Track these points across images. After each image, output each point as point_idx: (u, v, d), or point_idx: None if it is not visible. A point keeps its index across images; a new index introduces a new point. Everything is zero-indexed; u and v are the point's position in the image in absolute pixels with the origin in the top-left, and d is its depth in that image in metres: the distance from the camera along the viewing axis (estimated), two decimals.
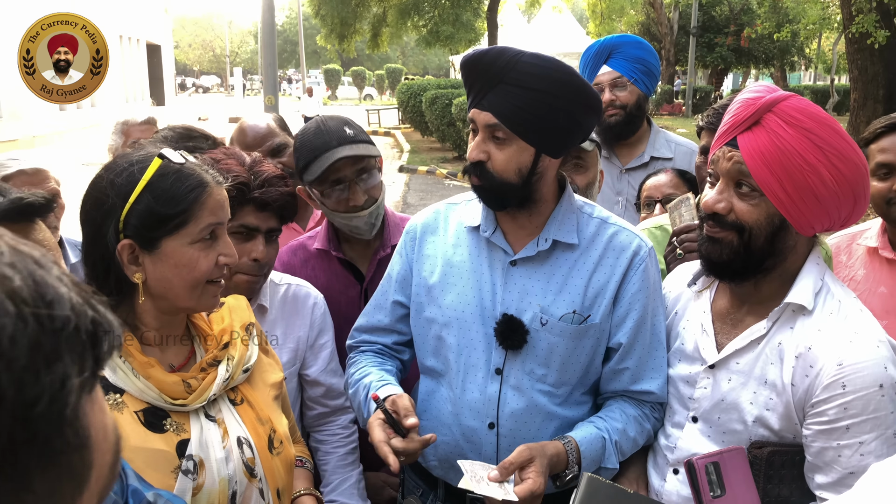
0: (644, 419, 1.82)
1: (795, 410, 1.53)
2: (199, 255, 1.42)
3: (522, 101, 1.64)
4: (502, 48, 1.67)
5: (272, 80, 12.92)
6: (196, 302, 1.45)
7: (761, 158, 1.50)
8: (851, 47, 14.27)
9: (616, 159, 3.16)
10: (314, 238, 2.34)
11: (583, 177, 2.38)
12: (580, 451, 1.69)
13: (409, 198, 13.16)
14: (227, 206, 1.48)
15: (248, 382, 1.57)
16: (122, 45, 30.59)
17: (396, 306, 1.94)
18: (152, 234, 1.39)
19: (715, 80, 37.19)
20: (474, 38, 23.57)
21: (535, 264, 1.79)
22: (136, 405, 1.38)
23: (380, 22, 24.54)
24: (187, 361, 1.52)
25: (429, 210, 1.99)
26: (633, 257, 1.79)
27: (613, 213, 3.02)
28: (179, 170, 1.42)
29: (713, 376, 1.66)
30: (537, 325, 1.75)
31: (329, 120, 2.20)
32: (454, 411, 1.82)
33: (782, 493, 1.55)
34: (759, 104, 1.52)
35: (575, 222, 1.81)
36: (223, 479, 1.41)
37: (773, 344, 1.58)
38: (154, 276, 1.41)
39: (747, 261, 1.58)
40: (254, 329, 1.63)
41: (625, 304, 1.79)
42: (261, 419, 1.53)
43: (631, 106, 3.03)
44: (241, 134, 2.69)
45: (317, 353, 2.09)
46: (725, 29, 32.27)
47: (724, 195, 1.58)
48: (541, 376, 1.77)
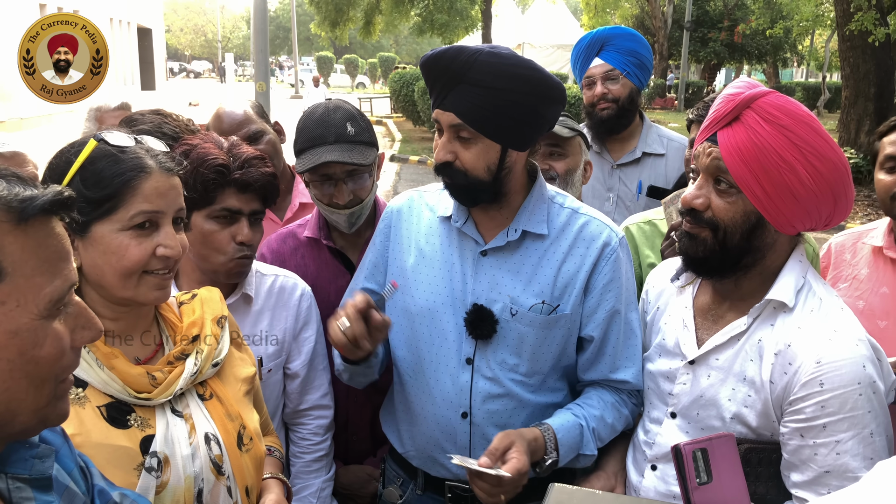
0: (622, 405, 1.85)
1: (773, 408, 1.53)
2: (130, 243, 1.36)
3: (484, 100, 1.64)
4: (460, 47, 1.66)
5: (263, 66, 12.83)
6: (133, 293, 1.39)
7: (739, 155, 1.50)
8: (844, 45, 14.28)
9: (608, 154, 3.13)
10: (304, 226, 2.32)
11: (562, 164, 2.37)
12: (557, 438, 1.71)
13: (400, 187, 13.13)
14: (173, 194, 1.42)
15: (217, 377, 1.54)
16: (112, 28, 30.26)
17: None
18: (83, 217, 1.36)
19: (708, 74, 37.22)
20: (469, 26, 23.49)
21: (504, 254, 1.80)
22: (98, 399, 1.35)
23: (373, 10, 24.38)
24: (154, 355, 1.48)
25: (403, 197, 1.99)
26: (604, 248, 1.79)
27: (604, 209, 3.06)
28: (115, 154, 1.38)
29: (693, 372, 1.66)
30: (507, 316, 1.76)
31: (337, 110, 2.17)
32: (428, 401, 1.84)
33: (758, 491, 1.55)
34: (738, 100, 1.51)
35: (545, 212, 1.81)
36: (189, 477, 1.38)
37: (752, 341, 1.58)
38: (87, 263, 1.38)
39: (723, 258, 1.58)
40: (226, 322, 1.59)
41: (596, 295, 1.80)
42: (230, 415, 1.50)
43: (623, 99, 3.01)
44: (217, 121, 2.64)
45: (300, 346, 2.06)
46: (719, 24, 32.26)
47: (702, 191, 1.58)
48: (513, 366, 1.79)
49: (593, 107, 3.05)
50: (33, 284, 0.85)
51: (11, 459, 0.95)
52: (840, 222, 1.62)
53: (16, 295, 0.84)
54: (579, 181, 2.45)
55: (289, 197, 2.77)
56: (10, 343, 0.84)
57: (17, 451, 0.96)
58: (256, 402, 1.70)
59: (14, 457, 0.96)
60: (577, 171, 2.42)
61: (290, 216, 2.73)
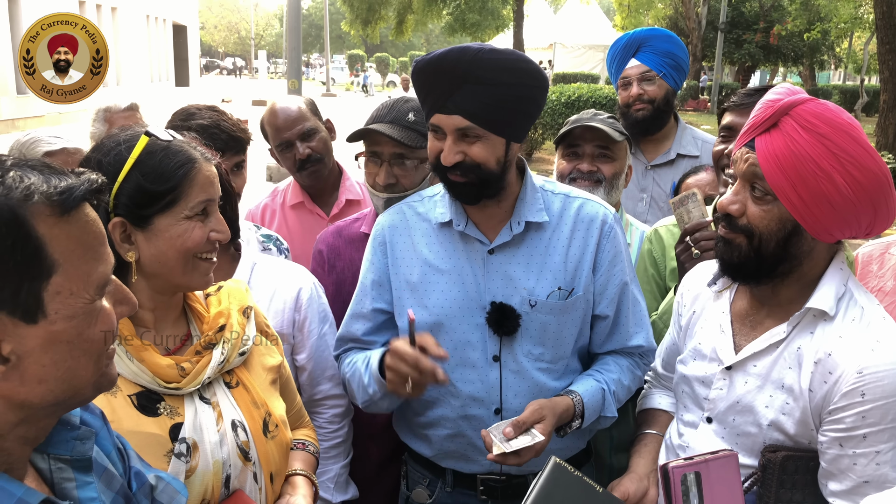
0: (635, 367, 1.95)
1: (812, 416, 1.51)
2: (195, 226, 1.43)
3: (491, 97, 1.65)
4: (462, 47, 1.66)
5: (296, 64, 12.93)
6: (189, 278, 1.45)
7: (776, 162, 1.48)
8: (883, 47, 14.00)
9: (641, 155, 3.12)
10: (361, 220, 2.35)
11: (609, 167, 2.37)
12: (584, 404, 1.78)
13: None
14: (216, 182, 1.48)
15: (244, 365, 1.56)
16: (148, 24, 30.75)
17: (377, 314, 1.93)
18: (144, 211, 1.40)
19: (742, 76, 36.73)
20: (501, 26, 23.46)
21: (512, 249, 1.82)
22: (129, 389, 1.38)
23: (405, 9, 24.46)
24: (183, 344, 1.51)
25: (392, 212, 1.97)
26: (603, 226, 1.86)
27: (637, 209, 3.04)
28: (167, 147, 1.42)
29: (729, 377, 1.65)
30: (527, 308, 1.80)
31: (407, 101, 2.21)
32: (457, 405, 1.85)
33: (794, 499, 1.54)
34: (777, 107, 1.50)
35: (541, 201, 1.85)
36: (217, 462, 1.41)
37: (791, 348, 1.56)
38: (148, 253, 1.42)
39: (759, 265, 1.56)
40: (252, 312, 1.62)
41: (604, 272, 1.86)
42: (256, 402, 1.53)
43: (659, 100, 3.01)
44: (272, 116, 2.69)
45: (304, 340, 2.05)
46: (754, 25, 31.80)
47: (738, 196, 1.57)
48: (538, 355, 1.83)
49: (629, 107, 3.04)
50: (83, 272, 0.89)
51: (53, 441, 0.99)
52: (883, 231, 1.59)
53: (69, 284, 0.87)
54: (622, 185, 2.45)
55: (335, 193, 2.81)
56: (69, 327, 0.88)
57: (59, 432, 0.99)
58: (287, 391, 1.72)
59: (56, 438, 0.99)
60: (622, 176, 2.41)
61: (337, 212, 2.76)
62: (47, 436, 0.98)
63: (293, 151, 2.65)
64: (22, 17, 18.78)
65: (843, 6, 22.74)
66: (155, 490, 1.17)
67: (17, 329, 0.85)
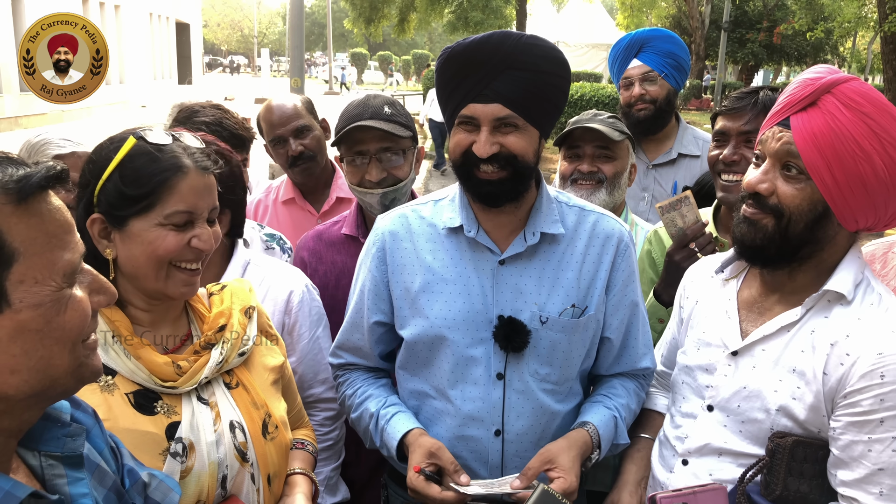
0: (640, 388, 1.90)
1: (825, 401, 1.47)
2: (168, 234, 1.40)
3: (533, 85, 1.59)
4: (504, 32, 1.60)
5: (299, 62, 12.92)
6: (163, 285, 1.43)
7: (813, 140, 1.46)
8: (887, 47, 13.96)
9: (643, 155, 3.13)
10: (341, 223, 2.34)
11: (610, 166, 2.37)
12: (600, 435, 1.71)
13: (431, 184, 13.14)
14: (207, 193, 1.45)
15: (245, 366, 1.56)
16: (151, 22, 30.75)
17: (375, 327, 1.86)
18: (119, 212, 1.40)
19: (745, 76, 36.65)
20: (503, 25, 23.40)
21: (524, 261, 1.73)
22: (127, 387, 1.39)
23: (408, 7, 24.43)
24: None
25: (391, 215, 1.87)
26: (619, 244, 1.78)
27: (639, 208, 3.04)
28: (153, 151, 1.40)
29: (735, 363, 1.62)
30: (537, 324, 1.70)
31: (377, 97, 2.22)
32: (454, 424, 1.75)
33: (801, 489, 1.50)
34: (818, 84, 1.48)
35: (556, 212, 1.76)
36: (213, 463, 1.41)
37: (805, 331, 1.53)
38: (123, 254, 1.42)
39: (782, 247, 1.54)
40: (254, 313, 1.61)
41: (617, 293, 1.79)
42: (255, 403, 1.52)
43: (660, 101, 3.02)
44: (267, 112, 2.74)
45: (294, 344, 2.03)
46: (758, 25, 31.73)
47: (768, 175, 1.54)
48: (545, 375, 1.73)
49: (630, 107, 3.05)
50: (47, 260, 0.88)
51: (44, 438, 0.99)
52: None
53: (32, 272, 0.87)
54: (625, 184, 2.44)
55: (327, 191, 2.84)
56: (36, 315, 0.88)
57: (50, 429, 1.00)
58: (288, 392, 1.71)
59: (47, 435, 0.99)
60: (623, 175, 2.41)
61: (327, 209, 2.80)
62: (39, 433, 0.98)
63: (286, 148, 2.70)
64: (25, 14, 18.81)
65: (846, 5, 22.69)
66: (148, 487, 1.17)
67: None
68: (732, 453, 1.59)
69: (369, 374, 1.94)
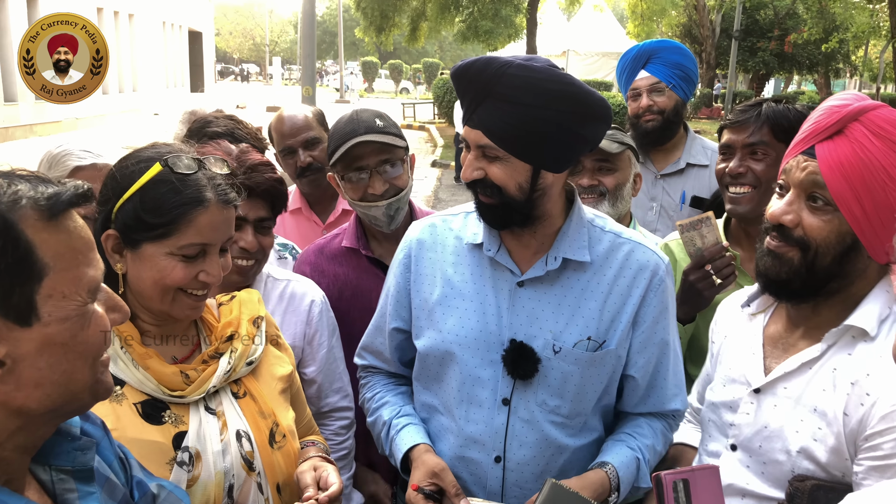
0: (668, 430, 1.79)
1: (847, 444, 1.40)
2: (177, 266, 1.41)
3: (512, 117, 1.50)
4: (489, 58, 1.52)
5: (310, 71, 12.99)
6: (168, 307, 1.45)
7: (840, 170, 1.40)
8: None
9: (651, 164, 3.13)
10: (340, 235, 2.35)
11: (611, 178, 2.35)
12: (619, 477, 1.62)
13: (441, 193, 13.15)
14: (225, 226, 1.46)
15: (252, 375, 1.56)
16: (164, 31, 31.00)
17: (395, 333, 1.86)
18: (135, 235, 1.41)
19: (756, 84, 36.55)
20: (513, 34, 23.44)
21: (544, 286, 1.66)
22: (135, 397, 1.40)
23: (419, 16, 24.52)
24: (191, 354, 1.52)
25: (424, 223, 1.85)
26: (652, 277, 1.67)
27: (647, 218, 3.04)
28: (176, 181, 1.40)
29: (757, 401, 1.55)
30: (549, 353, 1.63)
31: (364, 111, 2.23)
32: (457, 443, 1.71)
33: None
34: (844, 112, 1.43)
35: (586, 238, 1.67)
36: (219, 472, 1.41)
37: (826, 369, 1.46)
38: (132, 273, 1.43)
39: (809, 281, 1.47)
40: (262, 322, 1.62)
41: (646, 329, 1.68)
42: (263, 413, 1.52)
43: (668, 111, 3.02)
44: (278, 122, 2.77)
45: (314, 353, 2.07)
46: (769, 33, 31.65)
47: (793, 206, 1.48)
48: (554, 407, 1.66)
49: (638, 118, 3.05)
50: (73, 275, 0.91)
51: (55, 452, 0.99)
52: None
53: (61, 287, 0.89)
54: (629, 195, 2.42)
55: (334, 202, 2.86)
56: (63, 329, 0.91)
57: (60, 443, 1.00)
58: (296, 401, 1.71)
59: (57, 449, 1.00)
60: (626, 186, 2.39)
61: (332, 220, 2.81)
62: (49, 447, 0.99)
63: (295, 158, 2.72)
64: None
65: (858, 14, 22.61)
66: (157, 499, 1.18)
67: (11, 332, 0.86)
68: (755, 496, 1.53)
69: (390, 380, 1.94)
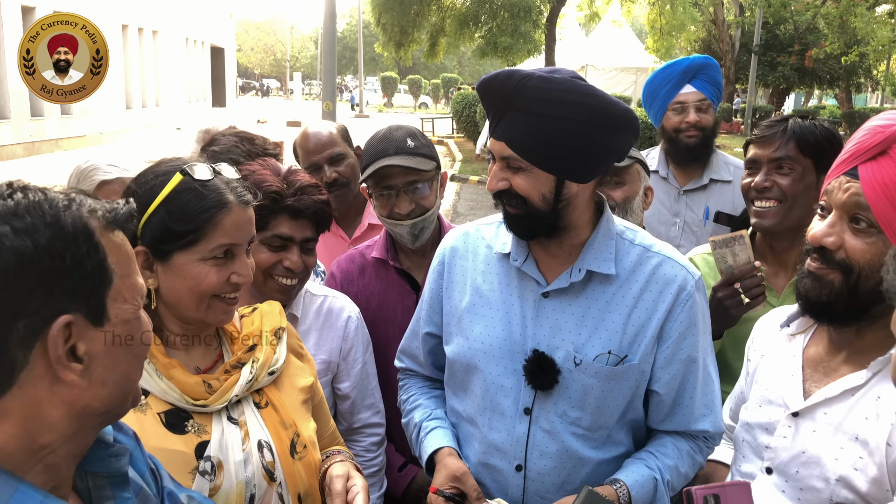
0: (697, 452, 1.74)
1: (889, 475, 1.36)
2: (210, 271, 1.45)
3: (533, 128, 1.52)
4: (511, 71, 1.53)
5: (331, 86, 13.10)
6: (203, 315, 1.48)
7: (884, 191, 1.38)
8: None
9: (674, 180, 3.12)
10: (372, 247, 2.37)
11: (619, 192, 2.36)
12: (631, 496, 1.59)
13: (460, 207, 13.17)
14: (248, 226, 1.50)
15: (274, 385, 1.58)
16: (187, 47, 31.45)
17: (428, 338, 1.90)
18: (165, 246, 1.44)
19: (776, 99, 36.35)
20: (533, 49, 23.50)
21: (569, 297, 1.65)
22: (159, 406, 1.42)
23: (438, 31, 24.67)
24: (214, 364, 1.54)
25: (458, 231, 1.88)
26: (680, 292, 1.64)
27: (670, 234, 3.02)
28: (199, 187, 1.45)
29: (795, 425, 1.52)
30: (570, 365, 1.62)
31: (399, 129, 2.25)
32: (481, 450, 1.73)
33: None
34: (888, 132, 1.40)
35: (613, 250, 1.66)
36: (241, 482, 1.42)
37: (870, 397, 1.43)
38: (165, 286, 1.46)
39: (852, 304, 1.44)
40: (284, 333, 1.63)
41: (671, 345, 1.65)
42: (284, 423, 1.54)
43: (709, 129, 3.03)
44: (303, 139, 2.79)
45: (349, 369, 2.09)
46: (789, 48, 31.50)
47: (835, 228, 1.45)
48: (574, 419, 1.65)
49: (678, 132, 3.02)
50: (131, 281, 0.99)
51: (89, 458, 1.01)
52: None
53: (122, 292, 0.97)
54: (639, 208, 2.42)
55: (360, 217, 2.88)
56: (125, 331, 0.98)
57: (94, 450, 1.02)
58: (320, 412, 1.72)
59: (91, 456, 1.01)
60: (635, 199, 2.39)
61: (359, 235, 2.83)
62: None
63: (320, 174, 2.73)
64: None
65: (880, 28, 22.43)
66: None
67: (88, 331, 0.92)
68: None
69: (425, 384, 1.96)
